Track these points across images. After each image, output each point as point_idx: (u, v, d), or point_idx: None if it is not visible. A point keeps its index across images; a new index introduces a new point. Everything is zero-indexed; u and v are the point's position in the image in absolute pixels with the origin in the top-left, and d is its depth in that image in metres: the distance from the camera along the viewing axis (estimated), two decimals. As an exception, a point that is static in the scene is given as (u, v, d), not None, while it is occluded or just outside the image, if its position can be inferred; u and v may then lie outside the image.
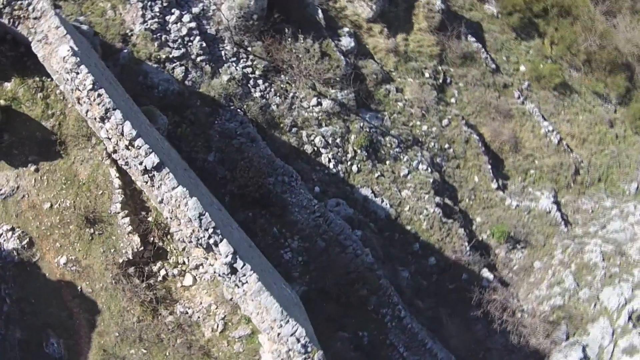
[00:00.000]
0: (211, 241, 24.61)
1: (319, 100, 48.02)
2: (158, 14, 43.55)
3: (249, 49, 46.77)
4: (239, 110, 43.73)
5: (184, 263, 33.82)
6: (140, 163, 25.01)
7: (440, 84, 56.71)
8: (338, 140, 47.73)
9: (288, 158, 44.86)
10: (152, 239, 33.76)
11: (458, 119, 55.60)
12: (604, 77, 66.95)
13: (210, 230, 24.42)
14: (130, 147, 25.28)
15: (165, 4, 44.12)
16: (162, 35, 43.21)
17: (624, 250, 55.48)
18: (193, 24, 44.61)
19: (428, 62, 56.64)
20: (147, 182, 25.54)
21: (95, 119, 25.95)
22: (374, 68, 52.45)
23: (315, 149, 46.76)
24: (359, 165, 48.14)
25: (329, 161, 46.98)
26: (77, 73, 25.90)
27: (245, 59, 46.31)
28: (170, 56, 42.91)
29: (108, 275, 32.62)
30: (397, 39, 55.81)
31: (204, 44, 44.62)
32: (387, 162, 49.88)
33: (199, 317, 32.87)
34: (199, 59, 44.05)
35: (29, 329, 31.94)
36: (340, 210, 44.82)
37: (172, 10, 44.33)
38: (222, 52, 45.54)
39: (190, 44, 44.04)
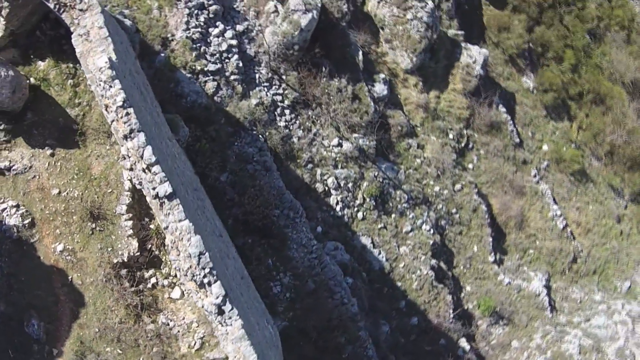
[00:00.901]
0: (205, 280, 24.80)
1: (340, 141, 48.11)
2: (202, 24, 43.41)
3: (284, 77, 46.77)
4: (260, 136, 43.68)
5: (175, 276, 33.98)
6: (154, 188, 25.27)
7: (461, 148, 56.84)
8: (350, 185, 47.76)
9: (298, 193, 44.94)
10: (150, 246, 33.95)
11: (471, 187, 55.83)
12: (622, 172, 67.30)
13: (207, 270, 24.58)
14: (147, 170, 25.48)
15: (211, 16, 44.03)
16: (201, 46, 43.05)
17: (602, 347, 55.58)
18: (234, 42, 44.47)
19: (455, 124, 56.77)
20: (156, 204, 25.83)
21: (118, 131, 26.22)
22: (401, 120, 52.46)
23: (326, 188, 46.84)
24: (364, 213, 48.25)
25: (337, 203, 47.07)
26: (110, 87, 26.06)
27: (277, 86, 46.20)
28: (205, 69, 42.69)
29: (100, 272, 32.90)
30: (430, 95, 55.98)
31: (241, 64, 44.43)
32: (393, 215, 49.94)
33: (178, 331, 33.03)
34: (232, 77, 43.83)
35: (13, 304, 32.21)
36: (337, 255, 44.94)
37: (217, 23, 44.19)
38: (257, 75, 45.39)
39: (227, 60, 43.89)
